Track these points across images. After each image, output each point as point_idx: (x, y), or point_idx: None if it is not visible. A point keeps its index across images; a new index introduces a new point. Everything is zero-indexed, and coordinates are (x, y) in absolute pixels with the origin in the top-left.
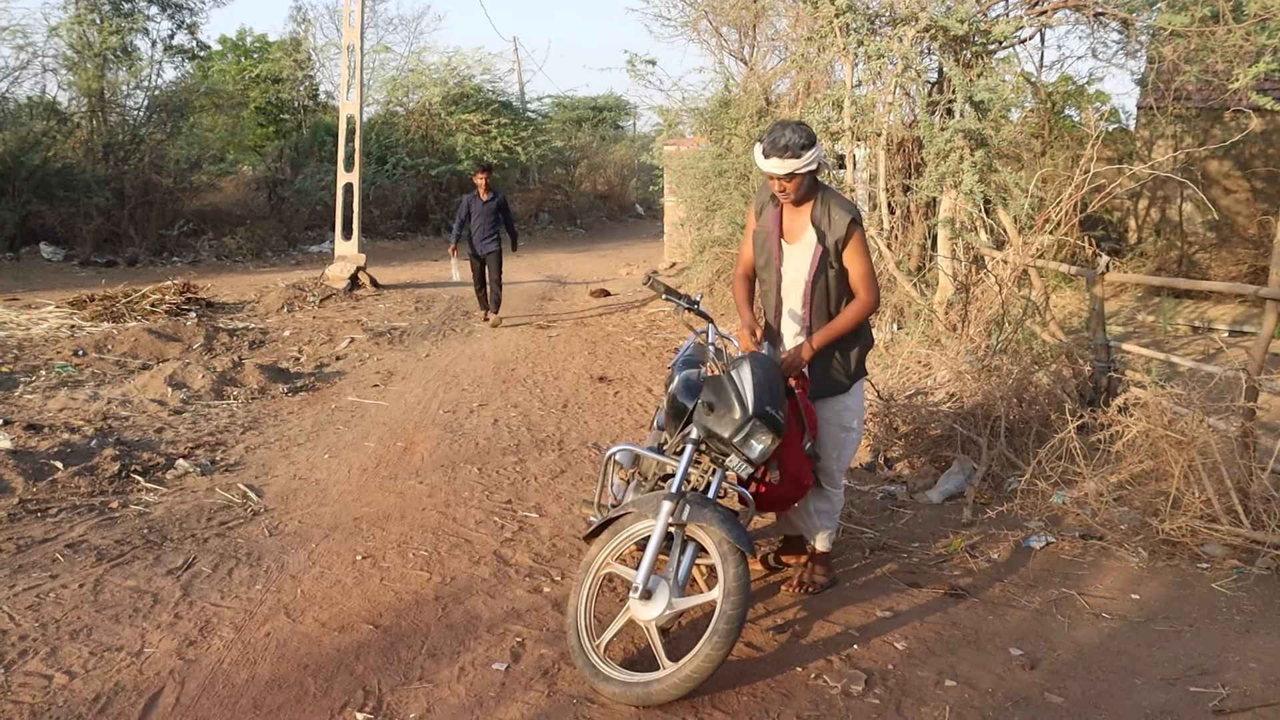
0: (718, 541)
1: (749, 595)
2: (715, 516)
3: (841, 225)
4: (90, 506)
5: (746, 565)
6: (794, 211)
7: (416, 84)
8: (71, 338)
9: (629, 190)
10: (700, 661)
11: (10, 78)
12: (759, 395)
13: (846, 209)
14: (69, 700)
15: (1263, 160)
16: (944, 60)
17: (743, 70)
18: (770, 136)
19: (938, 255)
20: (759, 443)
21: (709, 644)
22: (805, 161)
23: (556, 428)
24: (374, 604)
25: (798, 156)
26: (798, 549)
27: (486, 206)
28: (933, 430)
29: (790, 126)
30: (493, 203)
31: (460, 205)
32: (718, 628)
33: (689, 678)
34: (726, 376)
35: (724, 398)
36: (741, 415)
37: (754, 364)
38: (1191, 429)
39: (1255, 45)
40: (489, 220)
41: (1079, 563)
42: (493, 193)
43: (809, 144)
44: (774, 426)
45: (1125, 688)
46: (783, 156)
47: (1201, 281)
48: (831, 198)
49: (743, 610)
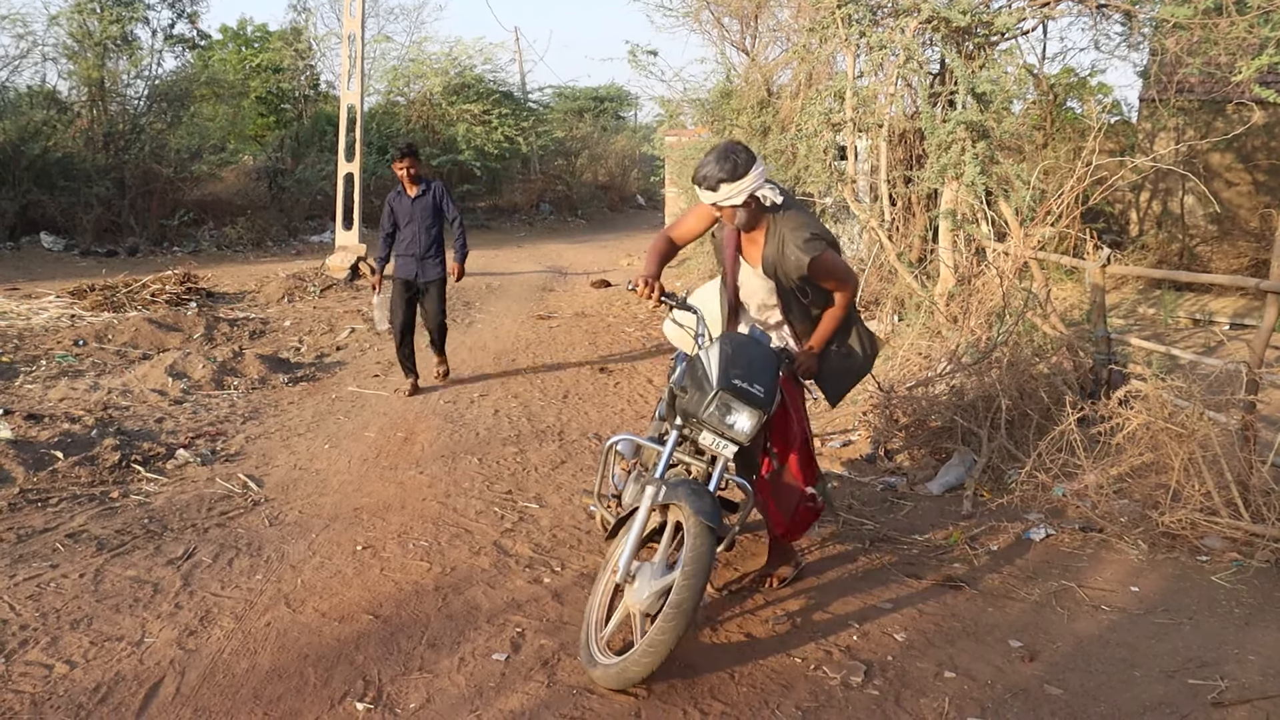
0: (685, 517)
1: (707, 570)
2: (686, 493)
3: (799, 265)
4: (91, 496)
5: (711, 541)
6: (751, 234)
7: (417, 74)
8: (72, 327)
9: (630, 181)
10: (654, 635)
11: (10, 66)
12: (725, 369)
13: (803, 246)
14: (69, 690)
15: (1265, 153)
16: (946, 52)
17: (744, 61)
18: (697, 165)
19: (939, 247)
20: (735, 417)
21: (662, 618)
22: (723, 195)
23: (557, 418)
24: (374, 594)
25: (713, 189)
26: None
27: (418, 206)
28: (933, 422)
29: (715, 157)
30: (426, 198)
31: (383, 214)
32: (671, 601)
33: (646, 651)
34: (698, 358)
35: (695, 378)
36: (709, 390)
37: (724, 342)
38: (1192, 422)
39: (1258, 38)
40: (425, 225)
41: (1079, 555)
42: (423, 184)
43: (730, 176)
44: (747, 398)
45: (1124, 680)
46: (701, 187)
47: (1202, 274)
48: (786, 228)
49: (699, 583)
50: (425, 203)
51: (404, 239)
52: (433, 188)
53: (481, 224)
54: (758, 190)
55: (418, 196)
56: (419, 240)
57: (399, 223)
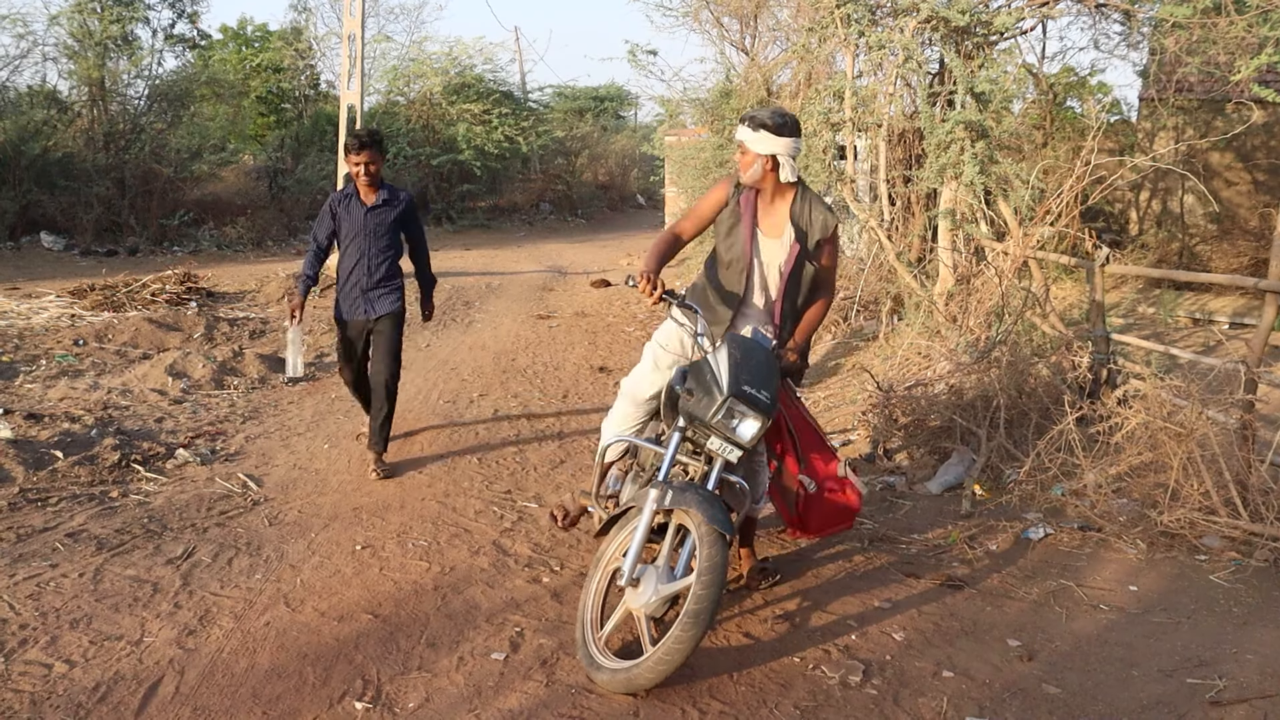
0: (697, 524)
1: (723, 578)
2: (696, 499)
3: (826, 226)
4: (90, 496)
5: (725, 549)
6: (770, 205)
7: (417, 73)
8: (72, 327)
9: (630, 180)
10: (671, 644)
11: (11, 66)
12: (735, 375)
13: (829, 210)
14: (69, 689)
15: (1264, 152)
16: (945, 51)
17: (744, 61)
18: (753, 109)
19: (938, 246)
20: (743, 423)
21: (679, 626)
22: (760, 138)
23: (556, 418)
24: (373, 593)
25: (755, 130)
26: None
27: (373, 220)
28: (932, 421)
29: (772, 110)
30: (387, 212)
31: (319, 218)
32: (688, 610)
33: (662, 660)
34: (705, 361)
35: (703, 381)
36: (719, 395)
37: (732, 345)
38: (1190, 421)
39: (1257, 37)
40: (380, 247)
41: (1077, 554)
42: (387, 191)
43: (777, 131)
44: (756, 405)
45: (1123, 679)
46: (746, 125)
47: (1201, 274)
48: (812, 196)
49: (715, 592)
50: (385, 218)
51: (346, 263)
52: (401, 200)
53: (481, 224)
54: (784, 156)
55: (376, 207)
56: (367, 266)
57: (340, 237)
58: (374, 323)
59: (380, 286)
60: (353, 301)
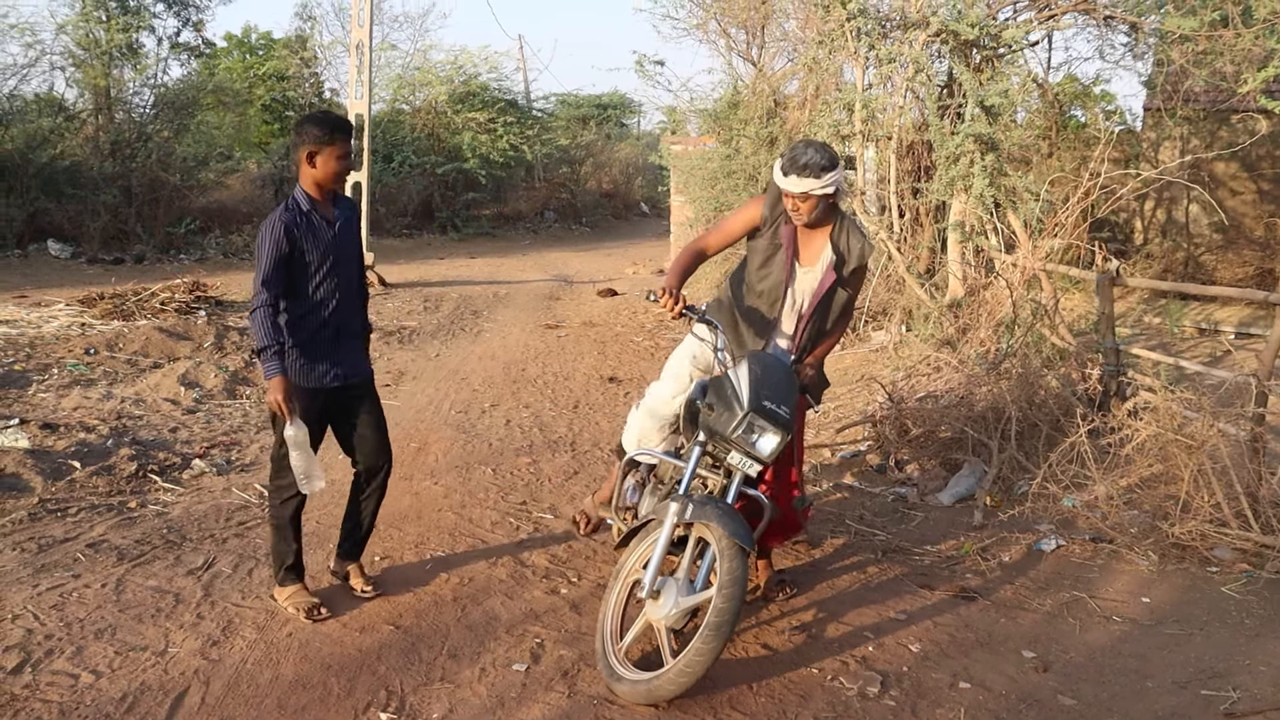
0: (718, 538)
1: (743, 591)
2: (716, 513)
3: (864, 255)
4: (109, 506)
5: (745, 562)
6: (810, 233)
7: (422, 82)
8: (82, 336)
9: (634, 189)
10: (692, 656)
11: (18, 75)
12: (755, 390)
13: (866, 238)
14: (96, 699)
15: (1270, 163)
16: (954, 64)
17: (751, 72)
18: (791, 153)
19: (947, 258)
20: (763, 438)
21: (700, 638)
22: (823, 183)
23: (569, 428)
24: (393, 604)
25: (816, 177)
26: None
27: (345, 238)
28: (943, 432)
29: (814, 146)
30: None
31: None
32: (709, 622)
33: (683, 672)
34: (725, 376)
35: (723, 396)
36: (739, 410)
37: (752, 361)
38: (1201, 433)
39: (1264, 49)
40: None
41: (1090, 565)
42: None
43: (829, 166)
44: (776, 421)
45: (1137, 690)
46: (801, 175)
47: (1211, 287)
48: (850, 223)
49: (735, 605)
50: (353, 233)
51: (311, 304)
52: (353, 206)
53: (486, 232)
54: (843, 184)
55: (344, 220)
56: (350, 303)
57: (311, 268)
58: (353, 386)
59: (359, 333)
60: (318, 358)
